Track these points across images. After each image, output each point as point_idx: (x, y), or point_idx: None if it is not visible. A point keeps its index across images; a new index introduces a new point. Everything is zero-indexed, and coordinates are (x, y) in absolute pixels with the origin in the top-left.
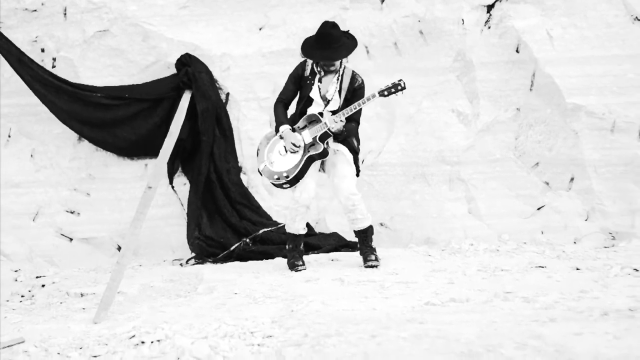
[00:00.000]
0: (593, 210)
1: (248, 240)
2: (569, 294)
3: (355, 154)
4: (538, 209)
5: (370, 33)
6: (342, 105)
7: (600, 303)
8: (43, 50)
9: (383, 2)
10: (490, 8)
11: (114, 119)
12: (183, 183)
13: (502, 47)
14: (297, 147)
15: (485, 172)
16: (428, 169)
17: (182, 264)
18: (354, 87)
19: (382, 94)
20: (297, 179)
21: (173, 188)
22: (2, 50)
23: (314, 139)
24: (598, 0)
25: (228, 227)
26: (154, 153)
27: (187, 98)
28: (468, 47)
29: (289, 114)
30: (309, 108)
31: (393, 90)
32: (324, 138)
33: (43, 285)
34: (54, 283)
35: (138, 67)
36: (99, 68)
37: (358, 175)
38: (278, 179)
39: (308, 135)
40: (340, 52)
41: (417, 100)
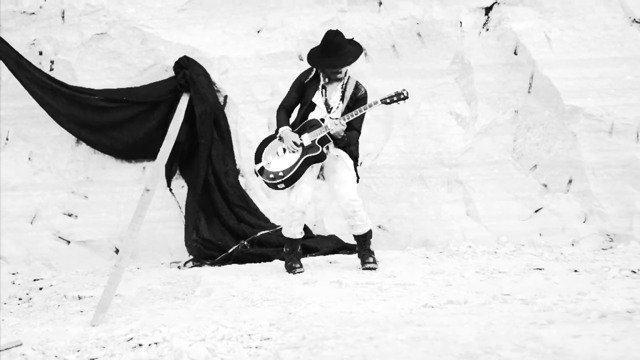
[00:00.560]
0: (591, 213)
1: (246, 243)
2: (567, 296)
3: (355, 160)
4: (536, 211)
5: (368, 35)
6: (344, 113)
7: (599, 305)
8: (41, 53)
9: (381, 4)
10: (488, 10)
11: (112, 122)
12: (181, 186)
13: (500, 49)
14: (297, 145)
15: (484, 174)
16: (426, 171)
17: (180, 267)
18: (357, 96)
19: (384, 102)
20: (292, 180)
21: (171, 191)
22: (0, 54)
23: (313, 142)
24: (596, 3)
25: (226, 229)
26: (152, 156)
27: (185, 101)
28: (466, 49)
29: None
30: (311, 113)
31: (395, 99)
32: (323, 142)
33: (41, 288)
34: (52, 286)
35: (136, 69)
36: (97, 71)
37: (358, 182)
38: (273, 179)
39: (307, 139)
40: (347, 58)
41: (415, 103)
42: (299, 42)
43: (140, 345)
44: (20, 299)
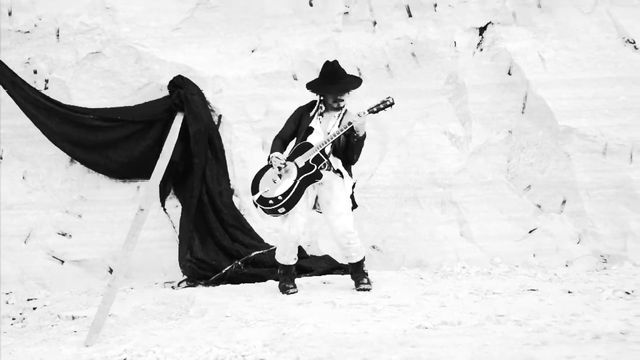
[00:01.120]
0: (585, 233)
1: (240, 263)
2: (561, 317)
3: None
4: (530, 232)
5: (363, 55)
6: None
7: (592, 326)
8: (35, 72)
9: (375, 24)
10: (483, 30)
11: (106, 141)
12: (175, 205)
13: (494, 69)
14: (280, 159)
15: (477, 194)
16: (420, 192)
17: (173, 287)
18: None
19: (371, 111)
20: (292, 202)
21: (165, 210)
22: None
23: (307, 163)
24: (590, 23)
25: (220, 249)
26: (146, 175)
27: (179, 120)
28: (460, 69)
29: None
30: (310, 136)
31: (382, 107)
32: (317, 162)
33: (34, 308)
34: (46, 306)
35: (130, 89)
36: (92, 90)
37: (354, 209)
38: (273, 204)
39: (301, 160)
40: (352, 84)
41: (409, 123)
42: (294, 62)
43: None
44: (14, 319)
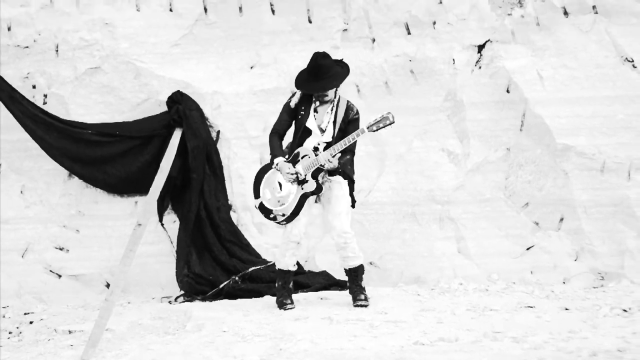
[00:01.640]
0: (582, 251)
1: (237, 278)
2: (558, 334)
3: (352, 183)
4: (527, 249)
5: (361, 72)
6: (336, 136)
7: (589, 343)
8: (34, 87)
9: (374, 41)
10: (481, 48)
11: (104, 156)
12: (173, 220)
13: (492, 87)
14: (292, 174)
15: (475, 211)
16: (418, 208)
17: (170, 302)
18: (349, 118)
19: (370, 129)
20: (293, 216)
21: (163, 225)
22: None
23: (307, 176)
24: (588, 41)
25: (217, 264)
26: (144, 190)
27: (177, 136)
28: (459, 86)
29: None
30: (308, 139)
31: (381, 125)
32: (317, 173)
33: (31, 322)
34: (42, 320)
35: (129, 104)
36: (90, 105)
37: (354, 207)
38: (274, 218)
39: (302, 170)
40: (331, 82)
41: (407, 140)
42: (292, 78)
43: None
44: (11, 333)
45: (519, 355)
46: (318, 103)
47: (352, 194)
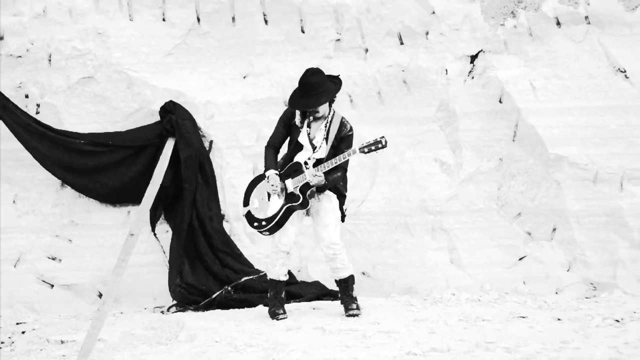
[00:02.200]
0: (575, 261)
1: (230, 288)
2: (551, 345)
3: (342, 198)
4: (520, 259)
5: (354, 82)
6: (328, 153)
7: (582, 354)
8: (27, 96)
9: (367, 51)
10: (474, 58)
11: (97, 166)
12: (165, 230)
13: (485, 97)
14: (275, 187)
15: (468, 222)
16: (411, 219)
17: (163, 312)
18: (341, 135)
19: (362, 151)
20: (276, 227)
21: (155, 235)
22: None
23: (295, 190)
24: (581, 52)
25: (210, 274)
26: (137, 200)
27: (170, 145)
28: (451, 97)
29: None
30: (299, 153)
31: (373, 148)
32: (305, 189)
33: (23, 332)
34: (34, 330)
35: (122, 114)
36: (83, 114)
37: (343, 221)
38: (258, 227)
39: (291, 185)
40: (319, 99)
41: (400, 150)
42: (285, 88)
43: None
44: (3, 343)
45: None
46: (312, 118)
47: (341, 208)
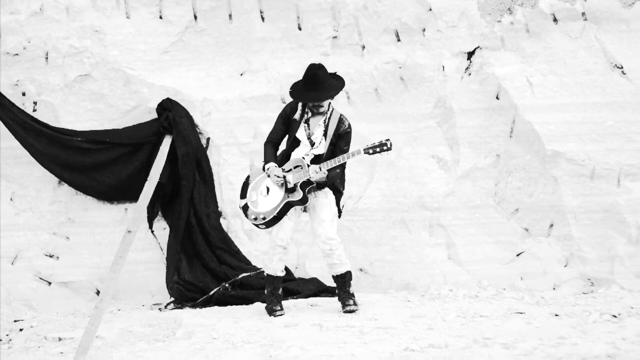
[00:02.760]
0: (572, 257)
1: (227, 285)
2: (548, 340)
3: (339, 194)
4: (517, 255)
5: (351, 79)
6: (327, 149)
7: (579, 349)
8: (24, 94)
9: (364, 48)
10: (471, 55)
11: (94, 163)
12: (163, 227)
13: (482, 93)
14: (279, 177)
15: (465, 218)
16: (408, 215)
17: (161, 309)
18: (340, 132)
19: (367, 152)
20: (273, 222)
21: (153, 232)
22: None
23: (295, 185)
24: (577, 48)
25: (207, 271)
26: (134, 197)
27: (167, 143)
28: (448, 93)
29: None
30: (297, 149)
31: (378, 150)
32: (306, 186)
33: (21, 329)
34: (32, 327)
35: (119, 111)
36: (80, 112)
37: (339, 217)
38: (255, 219)
39: (292, 180)
40: (329, 92)
41: (397, 146)
42: (282, 85)
43: None
44: (0, 340)
45: None
46: (310, 114)
47: (338, 205)
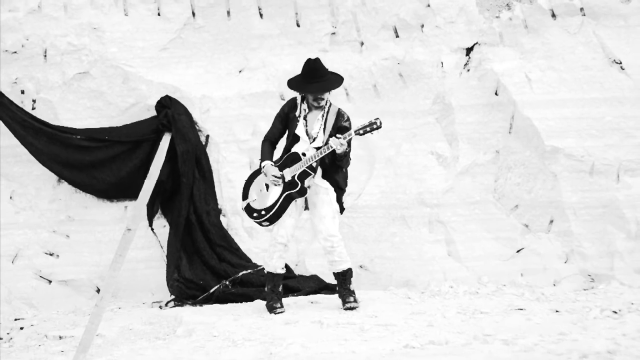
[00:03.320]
0: (572, 253)
1: (227, 283)
2: (548, 337)
3: (341, 191)
4: (517, 252)
5: (350, 75)
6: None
7: (580, 345)
8: (23, 92)
9: (362, 44)
10: (469, 51)
11: (94, 161)
12: (162, 225)
13: (481, 89)
14: (277, 178)
15: (465, 214)
16: (407, 211)
17: (161, 307)
18: (339, 125)
19: (357, 133)
20: (276, 217)
21: (152, 230)
22: None
23: (293, 178)
24: (576, 43)
25: (207, 269)
26: (134, 195)
27: (166, 140)
28: (447, 89)
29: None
30: (296, 145)
31: (369, 129)
32: (303, 177)
33: (22, 328)
34: (33, 325)
35: (118, 109)
36: (79, 110)
37: (342, 213)
38: (257, 217)
39: (288, 174)
40: (331, 84)
41: (396, 143)
42: (281, 82)
43: None
44: (1, 339)
45: (509, 358)
46: (308, 110)
47: (340, 201)
